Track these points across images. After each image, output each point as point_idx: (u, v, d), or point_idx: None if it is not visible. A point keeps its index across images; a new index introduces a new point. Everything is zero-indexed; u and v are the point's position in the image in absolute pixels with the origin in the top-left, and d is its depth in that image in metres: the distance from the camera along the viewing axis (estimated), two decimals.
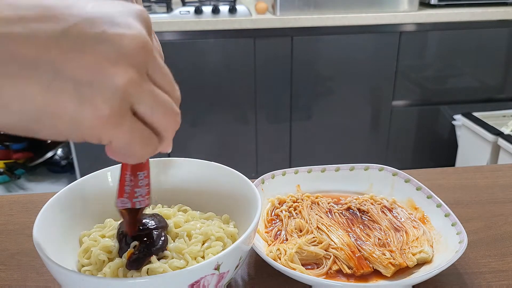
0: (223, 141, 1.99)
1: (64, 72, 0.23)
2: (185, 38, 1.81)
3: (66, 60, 0.23)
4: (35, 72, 0.23)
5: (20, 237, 0.58)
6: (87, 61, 0.23)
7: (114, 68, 0.24)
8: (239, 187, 0.50)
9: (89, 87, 0.24)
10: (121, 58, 0.24)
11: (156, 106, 0.26)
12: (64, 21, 0.24)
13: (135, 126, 0.26)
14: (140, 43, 0.25)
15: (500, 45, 1.99)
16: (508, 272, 0.51)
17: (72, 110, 0.24)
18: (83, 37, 0.24)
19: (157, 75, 0.27)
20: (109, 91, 0.24)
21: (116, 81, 0.24)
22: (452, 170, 0.75)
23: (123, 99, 0.24)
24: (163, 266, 0.39)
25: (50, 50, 0.23)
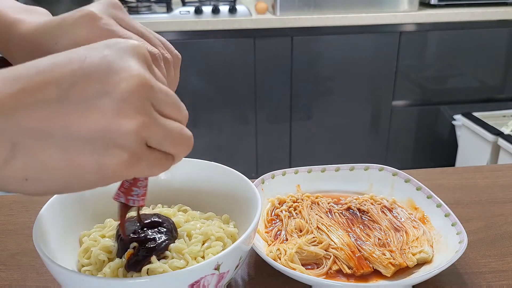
0: (223, 141, 1.99)
1: (76, 134, 0.24)
2: (185, 38, 1.81)
3: (75, 122, 0.24)
4: (50, 142, 0.24)
5: (20, 237, 0.58)
6: (94, 118, 0.25)
7: (120, 118, 0.25)
8: (239, 187, 0.50)
9: (103, 141, 0.25)
10: (125, 106, 0.25)
11: (167, 138, 0.28)
12: (64, 83, 0.25)
13: (152, 156, 0.27)
14: (139, 83, 0.26)
15: (500, 45, 1.99)
16: (508, 272, 0.51)
17: (94, 165, 0.25)
18: (85, 96, 0.25)
19: (162, 105, 0.28)
20: (122, 139, 0.25)
21: (126, 129, 0.25)
22: (452, 170, 0.75)
23: (137, 141, 0.26)
24: (163, 266, 0.39)
25: (58, 117, 0.24)
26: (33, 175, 0.25)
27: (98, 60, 0.26)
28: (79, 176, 0.25)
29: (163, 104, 0.28)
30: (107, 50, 0.26)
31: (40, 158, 0.24)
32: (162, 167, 0.29)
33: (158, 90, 0.27)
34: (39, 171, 0.25)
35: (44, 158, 0.24)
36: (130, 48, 0.27)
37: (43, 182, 0.25)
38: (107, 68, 0.25)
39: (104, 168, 0.25)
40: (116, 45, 0.27)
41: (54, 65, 0.25)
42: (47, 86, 0.24)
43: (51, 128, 0.24)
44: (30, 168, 0.24)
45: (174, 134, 0.28)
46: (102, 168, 0.25)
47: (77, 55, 0.26)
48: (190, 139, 0.30)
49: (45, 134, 0.24)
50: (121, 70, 0.26)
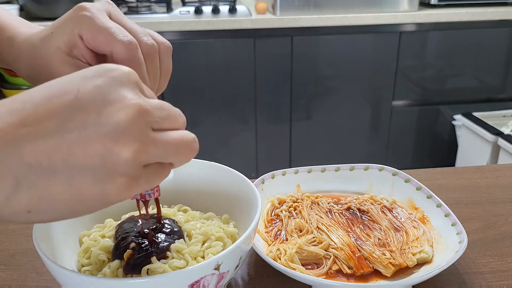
0: (223, 141, 1.99)
1: (78, 165, 0.25)
2: (185, 38, 1.81)
3: (76, 154, 0.25)
4: (54, 175, 0.25)
5: (20, 237, 0.58)
6: (94, 148, 0.25)
7: (118, 146, 0.26)
8: (239, 187, 0.50)
9: (103, 169, 0.26)
10: (122, 134, 0.26)
11: (165, 152, 0.28)
12: (62, 116, 0.25)
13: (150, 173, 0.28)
14: (133, 111, 0.26)
15: (500, 45, 1.99)
16: (508, 272, 0.51)
17: (97, 193, 0.26)
18: (84, 126, 0.25)
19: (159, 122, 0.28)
20: (120, 166, 0.26)
21: (124, 156, 0.26)
22: (452, 170, 0.75)
23: (134, 166, 0.26)
24: (163, 266, 0.39)
25: (59, 149, 0.25)
26: (37, 208, 0.25)
27: (93, 90, 0.26)
28: (82, 204, 0.26)
29: (160, 121, 0.28)
30: (99, 80, 0.27)
31: (45, 193, 0.25)
32: (161, 176, 0.30)
33: (153, 109, 0.28)
34: (43, 204, 0.25)
35: (48, 192, 0.25)
36: (122, 76, 0.28)
37: (47, 213, 0.26)
38: (102, 99, 0.26)
39: (106, 194, 0.26)
40: (108, 73, 0.27)
41: (48, 99, 0.25)
42: (46, 119, 0.25)
43: (54, 161, 0.25)
44: (34, 202, 0.25)
45: (173, 146, 0.29)
46: (105, 195, 0.26)
47: (70, 85, 0.26)
48: (191, 143, 0.30)
49: (48, 168, 0.25)
50: (116, 101, 0.26)
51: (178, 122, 0.30)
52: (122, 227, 0.44)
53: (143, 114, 0.27)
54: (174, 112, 0.30)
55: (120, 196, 0.27)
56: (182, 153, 0.29)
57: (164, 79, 0.40)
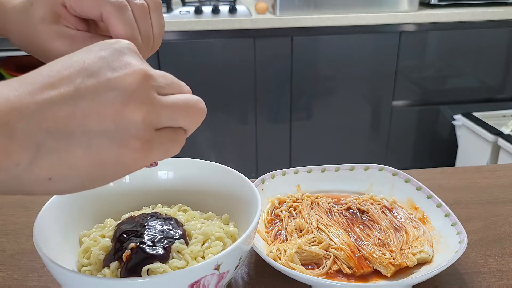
0: (223, 141, 1.99)
1: (94, 129, 0.26)
2: (185, 38, 1.81)
3: (92, 118, 0.26)
4: (72, 140, 0.25)
5: (20, 237, 0.58)
6: (106, 111, 0.26)
7: (128, 108, 0.26)
8: (239, 187, 0.50)
9: (117, 133, 0.26)
10: (131, 97, 0.27)
11: (174, 112, 0.29)
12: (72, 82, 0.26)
13: (163, 137, 0.29)
14: (139, 76, 0.27)
15: (500, 45, 1.99)
16: (508, 272, 0.51)
17: (114, 157, 0.27)
18: (94, 91, 0.26)
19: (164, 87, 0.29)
20: (132, 129, 0.26)
21: (135, 119, 0.26)
22: (452, 170, 0.75)
23: (146, 128, 0.27)
24: (163, 266, 0.39)
25: (75, 115, 0.25)
26: (57, 174, 0.26)
27: (98, 60, 0.27)
28: (101, 170, 0.27)
29: (165, 87, 0.29)
30: (102, 52, 0.28)
31: (64, 157, 0.25)
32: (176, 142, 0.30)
33: (157, 76, 0.29)
34: (63, 170, 0.26)
35: (68, 157, 0.25)
36: (123, 47, 0.29)
37: (67, 180, 0.26)
38: (108, 67, 0.27)
39: (123, 158, 0.27)
40: (109, 46, 0.29)
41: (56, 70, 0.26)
42: (58, 87, 0.25)
43: (71, 126, 0.25)
44: (55, 168, 0.25)
45: (180, 107, 0.29)
46: (121, 159, 0.27)
47: (75, 59, 0.27)
48: (198, 103, 0.31)
49: (67, 134, 0.25)
50: (122, 67, 0.27)
51: (182, 89, 0.31)
52: (120, 227, 0.44)
53: (148, 78, 0.28)
54: (178, 81, 0.31)
55: (136, 159, 0.27)
56: (190, 114, 0.30)
57: (158, 36, 0.40)
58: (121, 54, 0.28)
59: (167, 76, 0.30)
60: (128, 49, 0.29)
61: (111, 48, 0.28)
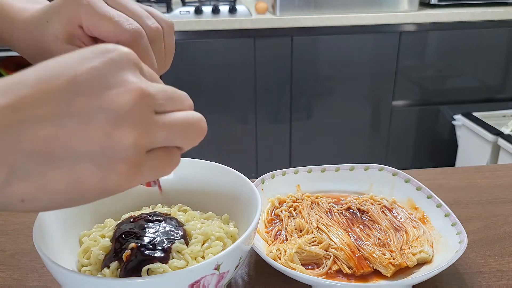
0: (223, 141, 1.99)
1: (77, 152, 0.24)
2: (185, 38, 1.81)
3: (76, 140, 0.23)
4: (53, 164, 0.23)
5: (20, 237, 0.58)
6: (93, 133, 0.24)
7: (119, 131, 0.24)
8: (239, 187, 0.50)
9: (103, 156, 0.24)
10: (124, 119, 0.24)
11: (172, 135, 0.27)
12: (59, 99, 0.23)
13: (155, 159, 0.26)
14: (135, 95, 0.25)
15: (500, 45, 1.99)
16: (508, 272, 0.51)
17: (97, 181, 0.24)
18: (83, 110, 0.24)
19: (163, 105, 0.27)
20: (121, 153, 0.24)
21: (125, 142, 0.24)
22: (452, 170, 0.75)
23: (135, 152, 0.25)
24: (163, 266, 0.39)
25: (58, 135, 0.23)
26: (31, 198, 0.24)
27: (91, 73, 0.25)
28: (81, 193, 0.25)
29: (164, 104, 0.27)
30: (96, 61, 0.25)
31: (41, 182, 0.23)
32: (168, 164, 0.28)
33: (156, 92, 0.26)
34: (38, 194, 0.24)
35: (45, 182, 0.23)
36: (121, 58, 0.26)
37: (42, 202, 0.24)
38: (102, 83, 0.24)
39: (107, 183, 0.25)
40: (106, 54, 0.26)
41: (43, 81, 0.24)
42: (43, 103, 0.23)
43: (52, 148, 0.23)
44: (28, 192, 0.23)
45: (178, 127, 0.27)
46: (105, 184, 0.25)
47: (66, 67, 0.24)
48: (199, 123, 0.28)
49: (47, 156, 0.23)
50: (117, 84, 0.25)
51: (183, 103, 0.28)
52: (120, 228, 0.44)
53: (146, 98, 0.25)
54: (179, 94, 0.28)
55: (120, 185, 0.25)
56: (189, 134, 0.28)
57: (168, 57, 0.40)
58: (118, 67, 0.25)
59: (167, 90, 0.27)
60: (126, 61, 0.26)
61: (107, 58, 0.25)
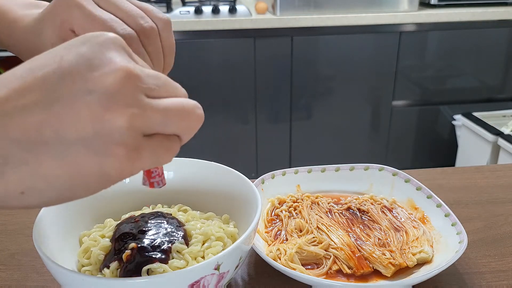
0: (223, 141, 1.99)
1: (70, 136, 0.23)
2: (185, 38, 1.81)
3: (66, 125, 0.23)
4: (45, 150, 0.23)
5: (20, 237, 0.58)
6: (83, 117, 0.23)
7: (110, 113, 0.23)
8: (239, 187, 0.50)
9: (97, 139, 0.24)
10: (112, 100, 0.24)
11: (166, 118, 0.26)
12: (45, 85, 0.23)
13: (154, 144, 0.26)
14: (122, 75, 0.24)
15: (500, 45, 1.99)
16: (508, 272, 0.51)
17: (96, 167, 0.24)
18: (70, 94, 0.23)
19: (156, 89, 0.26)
20: (116, 135, 0.24)
21: (118, 124, 0.24)
22: (452, 170, 0.75)
23: (131, 134, 0.24)
24: (163, 266, 0.39)
25: (48, 122, 0.23)
26: (30, 188, 0.23)
27: (76, 57, 0.24)
28: (82, 181, 0.24)
29: (157, 88, 0.26)
30: (83, 47, 0.25)
31: (36, 169, 0.23)
32: (169, 151, 0.27)
33: (146, 76, 0.26)
34: (36, 183, 0.23)
35: (41, 169, 0.23)
36: (107, 41, 0.26)
37: (43, 193, 0.24)
38: (87, 65, 0.24)
39: (106, 168, 0.24)
40: (91, 39, 0.25)
41: (30, 70, 0.24)
42: (29, 91, 0.23)
43: (43, 134, 0.23)
44: (26, 181, 0.23)
45: (173, 112, 0.26)
46: (104, 169, 0.24)
47: (52, 56, 0.25)
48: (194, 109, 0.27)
49: (38, 142, 0.23)
50: (102, 64, 0.24)
51: (177, 92, 0.28)
52: (120, 228, 0.44)
53: (133, 78, 0.25)
54: (173, 83, 0.28)
55: (121, 170, 0.24)
56: (185, 119, 0.27)
57: (169, 56, 0.38)
58: (104, 49, 0.25)
59: (160, 77, 0.27)
60: (113, 44, 0.26)
61: (93, 43, 0.25)
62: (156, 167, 0.34)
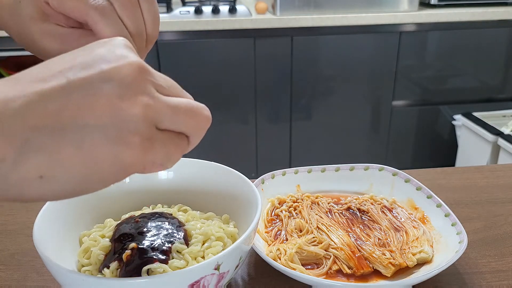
0: (223, 141, 1.99)
1: (88, 124, 0.24)
2: (185, 38, 1.81)
3: (84, 112, 0.24)
4: (63, 136, 0.24)
5: (20, 237, 0.58)
6: (101, 105, 0.24)
7: (125, 101, 0.25)
8: (239, 187, 0.50)
9: (114, 128, 0.25)
10: (128, 89, 0.25)
11: (176, 114, 0.27)
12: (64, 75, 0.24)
13: (165, 138, 0.27)
14: (136, 67, 0.26)
15: (500, 45, 1.99)
16: (508, 272, 0.51)
17: (111, 155, 0.25)
18: (87, 83, 0.25)
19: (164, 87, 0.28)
20: (131, 124, 0.25)
21: (133, 112, 0.25)
22: (452, 170, 0.75)
23: (145, 124, 0.25)
24: (163, 266, 0.39)
25: (66, 109, 0.24)
26: (48, 173, 0.24)
27: (92, 55, 0.26)
28: (97, 170, 0.25)
29: (166, 88, 0.28)
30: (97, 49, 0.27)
31: (55, 154, 0.24)
32: (178, 148, 0.28)
33: (156, 73, 0.28)
34: (55, 168, 0.24)
35: (59, 154, 0.24)
36: (118, 43, 0.28)
37: (60, 181, 0.24)
38: (103, 60, 0.26)
39: (121, 157, 0.25)
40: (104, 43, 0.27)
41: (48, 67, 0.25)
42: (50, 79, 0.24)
43: (62, 121, 0.24)
44: (44, 166, 0.24)
45: (183, 109, 0.28)
46: (119, 157, 0.25)
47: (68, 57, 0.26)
48: (202, 110, 0.29)
49: (56, 129, 0.24)
50: (117, 59, 0.26)
51: (184, 94, 0.29)
52: (120, 228, 0.44)
53: (145, 71, 0.26)
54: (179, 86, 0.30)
55: (135, 159, 0.25)
56: (194, 118, 0.28)
57: (152, 26, 0.37)
58: (117, 48, 0.27)
59: (168, 79, 0.28)
60: (123, 45, 0.28)
61: (106, 44, 0.27)
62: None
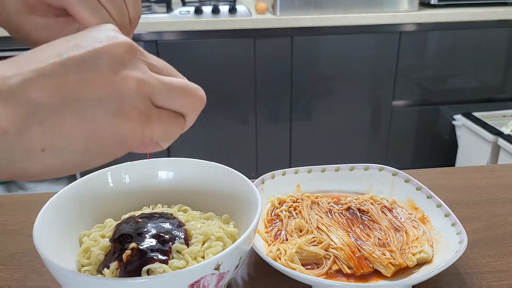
0: (223, 141, 1.99)
1: (87, 98, 0.25)
2: (185, 38, 1.81)
3: (83, 87, 0.25)
4: (65, 109, 0.25)
5: (20, 237, 0.58)
6: (97, 80, 0.26)
7: (119, 76, 0.26)
8: (239, 187, 0.50)
9: (111, 102, 0.26)
10: (120, 65, 0.27)
11: (171, 92, 0.28)
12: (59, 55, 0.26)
13: (162, 115, 0.28)
14: (128, 45, 0.28)
15: (500, 45, 1.99)
16: (508, 272, 0.51)
17: (111, 128, 0.26)
18: (83, 60, 0.26)
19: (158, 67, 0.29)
20: (128, 96, 0.26)
21: (128, 86, 0.26)
22: (452, 170, 0.75)
23: (140, 97, 0.27)
24: (163, 266, 0.39)
25: (65, 85, 0.25)
26: (51, 145, 0.25)
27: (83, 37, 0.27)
28: (98, 141, 0.26)
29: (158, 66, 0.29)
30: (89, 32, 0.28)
31: (57, 126, 0.25)
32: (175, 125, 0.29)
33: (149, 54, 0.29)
34: (57, 140, 0.25)
35: (61, 126, 0.25)
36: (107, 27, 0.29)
37: (62, 153, 0.25)
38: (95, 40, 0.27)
39: (120, 128, 0.26)
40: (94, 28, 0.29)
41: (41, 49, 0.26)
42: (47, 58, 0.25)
43: (62, 95, 0.25)
44: (47, 137, 0.24)
45: (177, 87, 0.29)
46: (118, 129, 0.26)
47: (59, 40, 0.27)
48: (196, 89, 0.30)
49: (59, 102, 0.25)
50: (109, 39, 0.27)
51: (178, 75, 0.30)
52: (119, 228, 0.44)
53: (136, 50, 0.28)
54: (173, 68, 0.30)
55: (134, 132, 0.27)
56: (188, 97, 0.29)
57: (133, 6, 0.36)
58: (106, 31, 0.28)
59: (161, 60, 0.30)
60: (112, 29, 0.29)
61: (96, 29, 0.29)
62: None
